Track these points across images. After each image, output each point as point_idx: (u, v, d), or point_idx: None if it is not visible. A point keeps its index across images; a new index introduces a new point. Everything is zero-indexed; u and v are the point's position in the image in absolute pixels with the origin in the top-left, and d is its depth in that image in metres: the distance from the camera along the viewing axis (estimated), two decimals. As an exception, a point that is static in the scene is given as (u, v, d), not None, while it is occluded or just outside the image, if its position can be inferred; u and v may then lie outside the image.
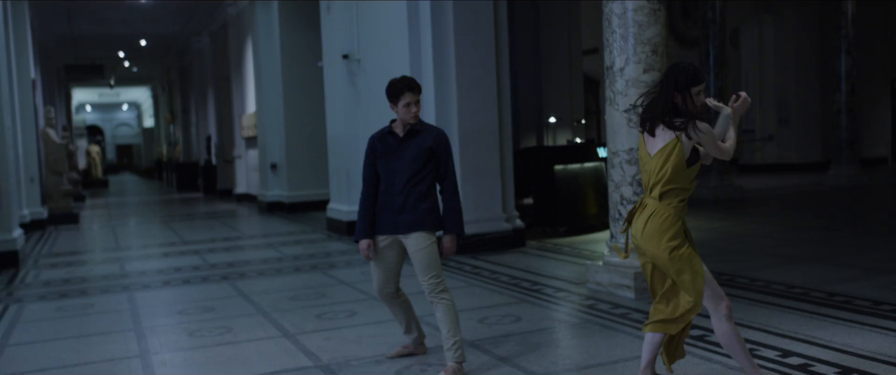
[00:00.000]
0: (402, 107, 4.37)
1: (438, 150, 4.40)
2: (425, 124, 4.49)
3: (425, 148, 4.37)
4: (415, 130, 4.42)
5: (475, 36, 8.95)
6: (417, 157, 4.37)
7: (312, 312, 6.20)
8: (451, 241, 4.43)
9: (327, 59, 11.81)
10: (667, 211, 3.61)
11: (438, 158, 4.41)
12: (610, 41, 6.34)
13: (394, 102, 4.40)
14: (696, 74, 3.60)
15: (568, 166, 10.35)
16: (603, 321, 5.44)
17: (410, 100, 4.35)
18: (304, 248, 10.14)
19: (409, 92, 4.35)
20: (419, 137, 4.41)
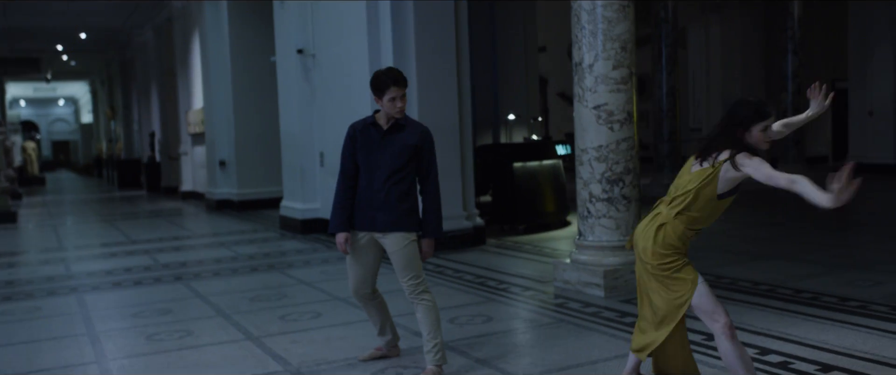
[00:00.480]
0: (387, 101, 4.20)
1: (423, 148, 4.25)
2: (410, 120, 4.33)
3: (409, 145, 4.21)
4: (399, 125, 4.26)
5: (436, 33, 8.81)
6: (400, 153, 4.21)
7: (275, 313, 6.00)
8: (430, 245, 4.30)
9: (281, 53, 11.55)
10: (676, 228, 3.46)
11: (422, 156, 4.26)
12: (579, 37, 6.28)
13: (379, 95, 4.24)
14: (758, 109, 3.38)
15: (527, 163, 10.30)
16: (575, 321, 5.37)
17: (396, 94, 4.19)
18: (259, 247, 9.89)
19: (394, 86, 4.19)
20: (404, 132, 4.25)
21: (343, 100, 9.79)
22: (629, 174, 6.21)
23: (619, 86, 6.14)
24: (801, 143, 15.84)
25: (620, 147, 6.15)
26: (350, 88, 9.48)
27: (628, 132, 6.18)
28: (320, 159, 10.70)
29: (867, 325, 4.88)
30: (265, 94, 14.45)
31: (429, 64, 8.74)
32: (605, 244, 6.22)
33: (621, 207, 6.19)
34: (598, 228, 6.25)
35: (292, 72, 11.04)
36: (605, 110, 6.14)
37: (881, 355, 4.27)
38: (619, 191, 6.17)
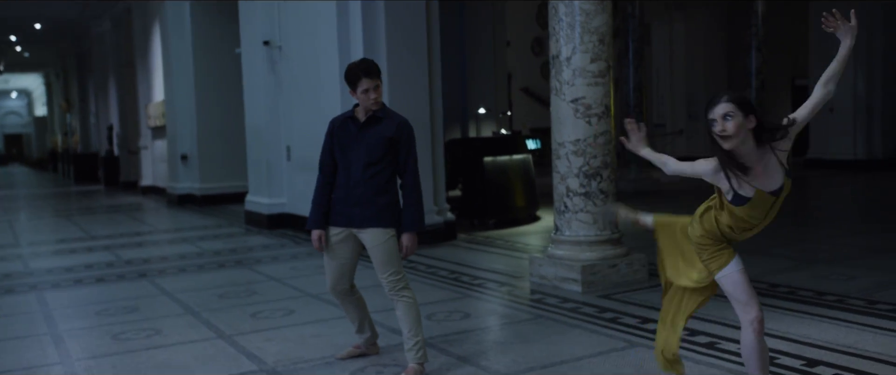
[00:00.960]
0: (361, 93, 4.07)
1: (400, 140, 4.12)
2: (389, 111, 4.21)
3: (385, 137, 4.09)
4: (377, 118, 4.13)
5: (407, 26, 8.69)
6: (376, 146, 4.09)
7: (246, 311, 5.84)
8: (411, 239, 4.14)
9: (246, 45, 11.31)
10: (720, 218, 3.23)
11: (399, 148, 4.13)
12: (556, 30, 6.20)
13: (352, 88, 4.11)
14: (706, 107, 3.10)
15: (497, 157, 10.22)
16: (555, 317, 5.29)
17: (368, 86, 4.06)
18: (224, 242, 9.67)
19: (366, 78, 4.06)
20: (381, 125, 4.13)
21: (311, 93, 9.61)
22: (607, 169, 6.15)
23: (597, 79, 6.08)
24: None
25: (598, 141, 6.09)
26: (319, 81, 9.30)
27: (606, 126, 6.13)
28: (287, 152, 10.50)
29: (846, 319, 4.88)
30: (229, 86, 14.19)
31: (399, 57, 8.61)
32: (583, 239, 6.16)
33: (599, 201, 6.13)
34: (575, 222, 6.19)
35: (258, 64, 10.82)
36: (583, 104, 6.07)
37: (864, 349, 4.26)
38: (596, 185, 6.11)
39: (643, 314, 5.21)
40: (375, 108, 4.10)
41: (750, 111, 2.97)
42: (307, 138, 9.85)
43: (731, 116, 2.93)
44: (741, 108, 2.94)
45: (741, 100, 2.98)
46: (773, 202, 3.10)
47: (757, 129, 2.98)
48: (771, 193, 3.06)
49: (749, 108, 2.97)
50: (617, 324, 5.01)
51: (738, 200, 3.09)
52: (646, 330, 4.83)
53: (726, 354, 4.29)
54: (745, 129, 2.95)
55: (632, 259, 6.25)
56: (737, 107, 2.94)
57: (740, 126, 2.93)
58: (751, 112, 2.97)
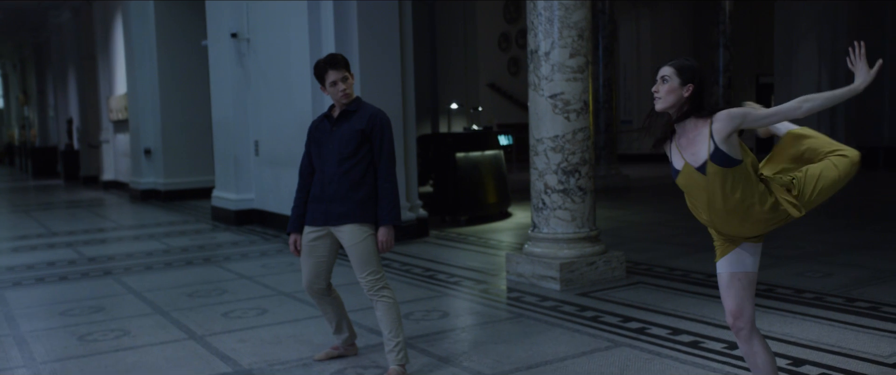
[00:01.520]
0: (330, 87, 3.98)
1: (372, 131, 4.00)
2: (364, 105, 4.09)
3: (357, 130, 3.97)
4: (349, 112, 4.02)
5: (378, 19, 8.54)
6: (349, 140, 3.96)
7: (217, 310, 5.67)
8: (387, 233, 4.00)
9: (213, 37, 11.07)
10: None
11: (372, 140, 4.01)
12: (535, 25, 6.12)
13: (322, 84, 4.01)
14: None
15: (469, 153, 10.13)
16: (535, 316, 5.21)
17: (335, 77, 3.96)
18: (191, 239, 9.45)
19: (332, 70, 3.96)
20: (353, 118, 4.01)
21: (281, 87, 9.42)
22: (585, 165, 6.09)
23: (576, 74, 6.01)
24: (730, 135, 16.13)
25: (577, 137, 6.03)
26: (289, 75, 9.12)
27: (585, 122, 6.06)
28: (255, 147, 10.30)
29: (827, 317, 4.87)
30: (194, 79, 13.92)
31: (372, 52, 8.46)
32: (561, 237, 6.09)
33: (577, 198, 6.07)
34: (553, 219, 6.11)
35: (225, 57, 10.59)
36: (562, 99, 6.00)
37: (849, 348, 4.24)
38: (575, 182, 6.05)
39: (624, 313, 5.16)
40: (346, 100, 3.99)
41: (689, 80, 2.97)
42: (276, 133, 9.68)
43: (667, 80, 2.98)
44: (679, 73, 2.97)
45: (682, 66, 3.00)
46: (704, 186, 2.99)
47: (691, 98, 2.98)
48: (697, 169, 2.99)
49: (688, 76, 2.97)
50: (598, 323, 4.95)
51: (673, 171, 3.12)
52: (628, 329, 4.77)
53: (710, 353, 4.24)
54: (678, 95, 2.97)
55: (610, 257, 6.20)
56: (675, 71, 2.99)
57: (672, 91, 2.97)
58: (689, 81, 2.97)
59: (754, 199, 2.99)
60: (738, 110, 2.95)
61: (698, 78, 2.99)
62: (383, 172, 4.00)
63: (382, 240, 3.98)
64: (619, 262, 6.26)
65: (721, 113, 2.94)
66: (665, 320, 4.95)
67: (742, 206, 2.99)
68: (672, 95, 2.97)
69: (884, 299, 5.28)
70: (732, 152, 2.92)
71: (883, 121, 17.31)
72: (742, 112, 2.94)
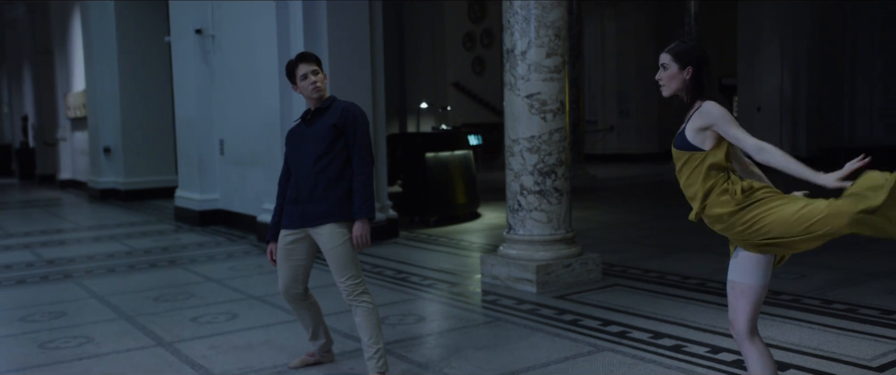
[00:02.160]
0: (301, 81, 3.86)
1: (345, 124, 3.86)
2: (337, 101, 3.96)
3: (329, 126, 3.83)
4: (322, 110, 3.90)
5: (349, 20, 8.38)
6: (323, 136, 3.83)
7: (185, 315, 5.49)
8: (361, 227, 3.84)
9: (176, 33, 10.81)
10: None
11: (346, 133, 3.88)
12: (511, 23, 6.03)
13: (294, 81, 3.89)
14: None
15: (439, 153, 10.03)
16: (513, 319, 5.12)
17: (306, 70, 3.85)
18: (154, 240, 9.20)
19: (302, 63, 3.87)
20: (326, 114, 3.89)
21: (247, 85, 9.22)
22: (562, 166, 6.02)
23: (553, 74, 5.94)
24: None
25: (553, 138, 5.96)
26: (256, 73, 8.92)
27: (561, 122, 5.99)
28: (220, 146, 10.08)
29: (807, 320, 4.85)
30: (156, 76, 13.64)
31: (342, 52, 8.30)
32: (537, 238, 6.01)
33: (553, 199, 6.00)
34: (529, 221, 6.03)
35: (189, 54, 10.35)
36: (538, 100, 5.92)
37: (831, 351, 4.22)
38: (551, 183, 5.98)
39: (603, 317, 5.09)
40: (317, 94, 3.87)
41: (687, 62, 2.94)
42: (242, 132, 9.48)
43: (666, 67, 2.97)
44: (676, 58, 2.96)
45: (679, 51, 2.97)
46: (675, 158, 3.01)
47: (693, 80, 2.95)
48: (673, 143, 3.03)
49: (685, 59, 2.95)
50: (578, 327, 4.88)
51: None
52: (609, 333, 4.71)
53: (694, 357, 4.19)
54: (681, 79, 2.95)
55: (586, 259, 6.14)
56: (672, 57, 2.97)
57: (673, 77, 2.96)
58: (688, 64, 2.94)
59: (699, 192, 2.94)
60: (717, 112, 2.87)
61: (696, 59, 2.95)
62: (358, 164, 3.86)
63: (357, 234, 3.83)
64: (595, 264, 6.20)
65: (706, 104, 2.89)
66: (646, 323, 4.90)
67: (689, 194, 2.99)
68: (674, 81, 2.97)
69: (859, 300, 5.29)
70: (696, 140, 2.91)
71: (844, 123, 17.58)
72: (718, 115, 2.87)
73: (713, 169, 2.93)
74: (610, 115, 21.68)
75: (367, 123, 3.95)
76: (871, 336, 4.48)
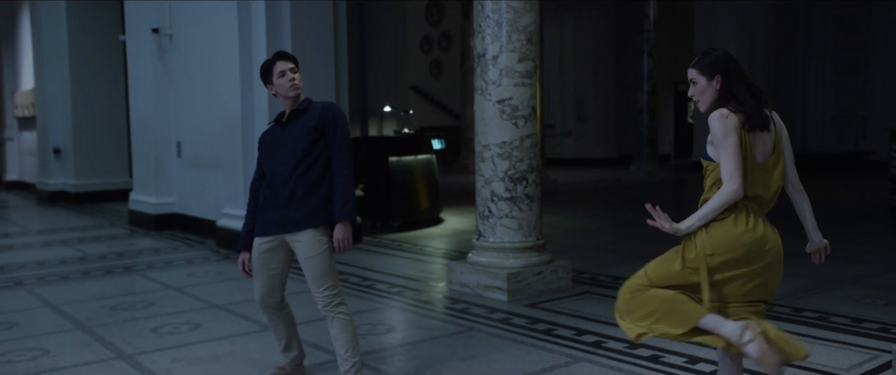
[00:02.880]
0: (278, 77, 3.71)
1: (325, 125, 3.72)
2: (314, 102, 3.83)
3: (309, 127, 3.69)
4: (299, 111, 3.76)
5: (313, 20, 8.22)
6: (302, 138, 3.69)
7: (145, 325, 5.29)
8: (343, 230, 3.68)
9: (131, 32, 10.51)
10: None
11: (326, 134, 3.74)
12: (482, 27, 5.94)
13: (269, 80, 3.74)
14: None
15: (402, 157, 9.90)
16: (487, 329, 5.03)
17: (284, 67, 3.71)
18: (109, 245, 8.91)
19: (280, 60, 3.74)
20: (304, 116, 3.75)
21: (207, 86, 8.99)
22: (533, 172, 5.95)
23: (525, 79, 5.87)
24: (654, 141, 16.39)
25: (524, 144, 5.88)
26: (216, 73, 8.70)
27: (533, 128, 5.93)
28: (177, 148, 9.82)
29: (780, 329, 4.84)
30: (109, 75, 13.29)
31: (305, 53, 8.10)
32: (507, 245, 5.93)
33: (524, 206, 5.92)
34: (499, 228, 5.95)
35: (146, 53, 10.07)
36: (510, 105, 5.85)
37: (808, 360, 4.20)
38: (522, 190, 5.90)
39: (577, 326, 5.03)
40: (295, 93, 3.73)
41: (714, 73, 2.87)
42: (201, 134, 9.24)
43: (695, 82, 2.92)
44: (703, 71, 2.89)
45: (703, 65, 2.90)
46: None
47: (724, 88, 2.86)
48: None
49: (711, 69, 2.87)
50: (553, 337, 4.81)
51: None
52: (584, 343, 4.64)
53: (672, 368, 4.15)
54: (713, 90, 2.88)
55: (556, 266, 6.08)
56: (699, 71, 2.90)
57: (703, 91, 2.90)
58: (715, 73, 2.87)
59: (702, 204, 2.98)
60: (716, 128, 2.81)
61: (723, 67, 2.86)
62: (338, 165, 3.72)
63: (339, 237, 3.69)
64: (566, 271, 6.14)
65: (711, 117, 2.84)
66: (620, 333, 4.81)
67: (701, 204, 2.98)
68: (707, 94, 2.89)
69: (829, 308, 5.31)
70: (711, 151, 2.90)
71: (796, 130, 17.87)
72: (714, 131, 2.83)
73: (716, 184, 2.90)
74: (568, 119, 21.76)
75: (347, 123, 3.82)
76: (845, 345, 4.49)
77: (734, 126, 2.81)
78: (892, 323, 4.91)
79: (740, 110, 2.84)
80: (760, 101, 2.86)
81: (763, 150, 2.91)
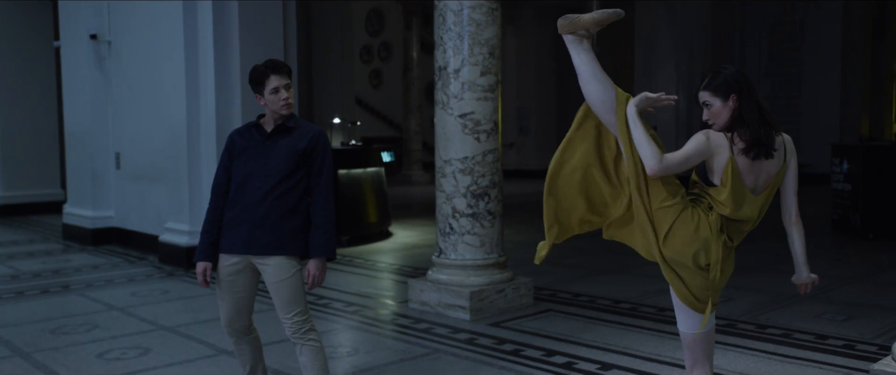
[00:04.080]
0: (270, 93, 3.48)
1: (314, 152, 3.54)
2: (301, 121, 3.63)
3: (298, 150, 3.50)
4: (287, 127, 3.55)
5: (262, 25, 7.98)
6: (287, 159, 3.48)
7: (90, 350, 4.98)
8: (319, 267, 3.54)
9: (66, 37, 10.05)
10: None
11: (312, 162, 3.56)
12: (444, 40, 5.82)
13: (259, 91, 3.51)
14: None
15: (351, 170, 9.70)
16: (453, 350, 4.89)
17: (278, 84, 3.48)
18: (43, 262, 8.46)
19: (275, 74, 3.48)
20: (292, 136, 3.54)
21: (149, 95, 8.63)
22: (495, 188, 5.84)
23: (487, 93, 5.77)
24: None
25: (487, 159, 5.78)
26: (159, 81, 8.36)
27: (495, 143, 5.82)
28: (116, 159, 9.42)
29: (746, 346, 4.83)
30: (40, 83, 12.73)
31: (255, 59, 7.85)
32: (469, 263, 5.81)
33: (486, 223, 5.81)
34: (461, 245, 5.82)
35: (82, 60, 9.63)
36: (472, 119, 5.73)
37: (782, 382, 4.19)
38: (484, 206, 5.79)
39: (544, 346, 4.92)
40: (286, 111, 3.53)
41: (729, 92, 2.79)
42: (142, 145, 8.87)
43: (709, 105, 2.84)
44: (716, 93, 2.80)
45: (716, 86, 2.81)
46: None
47: (741, 107, 2.78)
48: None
49: (725, 89, 2.79)
50: (522, 358, 4.69)
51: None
52: (555, 364, 4.54)
53: (648, 391, 4.08)
54: (729, 110, 2.79)
55: (518, 284, 5.98)
56: (711, 93, 2.82)
57: (718, 113, 2.81)
58: (730, 93, 2.78)
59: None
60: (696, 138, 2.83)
61: (737, 85, 2.78)
62: (322, 197, 3.54)
63: (315, 273, 3.52)
64: (527, 289, 6.05)
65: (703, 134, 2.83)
66: (589, 353, 4.76)
67: None
68: (722, 116, 2.80)
69: (792, 324, 5.33)
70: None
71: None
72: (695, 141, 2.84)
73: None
74: (510, 131, 21.78)
75: (332, 152, 3.64)
76: (814, 364, 4.49)
77: (704, 146, 2.77)
78: (857, 340, 4.95)
79: (743, 138, 2.76)
80: (771, 126, 2.79)
81: (759, 178, 2.84)
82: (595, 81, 2.85)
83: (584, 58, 2.91)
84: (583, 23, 2.87)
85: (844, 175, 9.45)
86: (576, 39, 2.92)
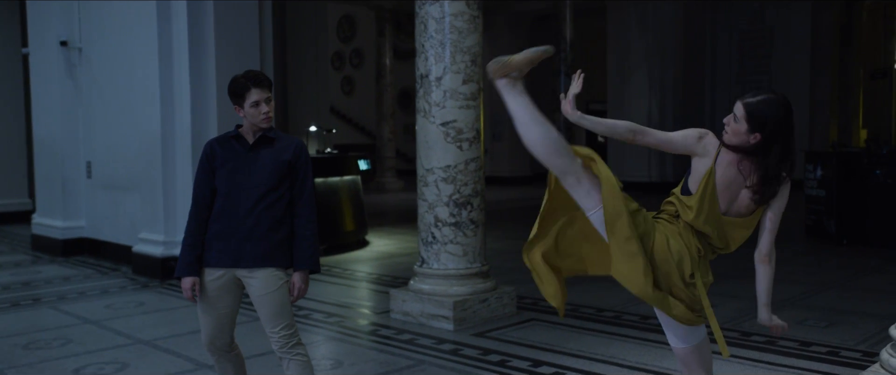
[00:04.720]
0: (250, 107, 3.40)
1: (297, 163, 3.49)
2: (280, 133, 3.57)
3: (283, 162, 3.44)
4: (268, 138, 3.48)
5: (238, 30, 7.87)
6: (273, 171, 3.42)
7: (65, 366, 4.85)
8: (303, 279, 3.49)
9: (36, 44, 9.86)
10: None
11: (296, 174, 3.50)
12: (425, 48, 5.77)
13: (238, 102, 3.43)
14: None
15: (328, 178, 9.61)
16: (439, 362, 4.83)
17: (259, 97, 3.40)
18: (12, 274, 8.26)
19: (256, 88, 3.40)
20: (275, 147, 3.47)
21: (121, 103, 8.48)
22: (477, 197, 5.80)
23: (469, 102, 5.73)
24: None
25: (469, 168, 5.73)
26: (131, 88, 8.22)
27: (477, 152, 5.78)
28: (87, 168, 9.24)
29: (736, 356, 4.82)
30: (6, 89, 12.48)
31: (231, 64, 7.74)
32: (452, 273, 5.75)
33: (469, 232, 5.76)
34: (443, 254, 5.77)
35: (51, 67, 9.45)
36: (454, 127, 5.69)
37: (770, 390, 4.18)
38: (467, 215, 5.74)
39: (531, 356, 4.88)
40: (267, 125, 3.46)
41: (756, 129, 2.64)
42: (114, 153, 8.72)
43: (735, 118, 2.70)
44: (749, 120, 2.65)
45: (752, 109, 2.65)
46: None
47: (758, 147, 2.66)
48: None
49: (757, 125, 2.64)
50: (509, 369, 4.64)
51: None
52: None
53: (638, 401, 4.05)
54: (744, 139, 2.67)
55: (501, 293, 5.94)
56: (746, 116, 2.66)
57: (737, 134, 2.69)
58: (757, 131, 2.64)
59: None
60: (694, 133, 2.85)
61: (769, 127, 2.64)
62: (305, 210, 3.48)
63: (300, 286, 3.46)
64: (510, 298, 6.01)
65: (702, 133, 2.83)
66: (576, 362, 4.73)
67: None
68: (738, 138, 2.69)
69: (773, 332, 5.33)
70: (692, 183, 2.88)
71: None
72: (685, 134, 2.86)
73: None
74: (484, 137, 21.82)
75: (311, 163, 3.59)
76: (797, 370, 4.51)
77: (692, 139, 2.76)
78: (840, 346, 4.97)
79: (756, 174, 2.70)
80: (787, 175, 2.72)
81: (733, 204, 2.78)
82: (535, 125, 2.78)
83: (520, 102, 2.81)
84: (515, 64, 2.79)
85: (818, 181, 9.55)
86: (509, 83, 2.82)
